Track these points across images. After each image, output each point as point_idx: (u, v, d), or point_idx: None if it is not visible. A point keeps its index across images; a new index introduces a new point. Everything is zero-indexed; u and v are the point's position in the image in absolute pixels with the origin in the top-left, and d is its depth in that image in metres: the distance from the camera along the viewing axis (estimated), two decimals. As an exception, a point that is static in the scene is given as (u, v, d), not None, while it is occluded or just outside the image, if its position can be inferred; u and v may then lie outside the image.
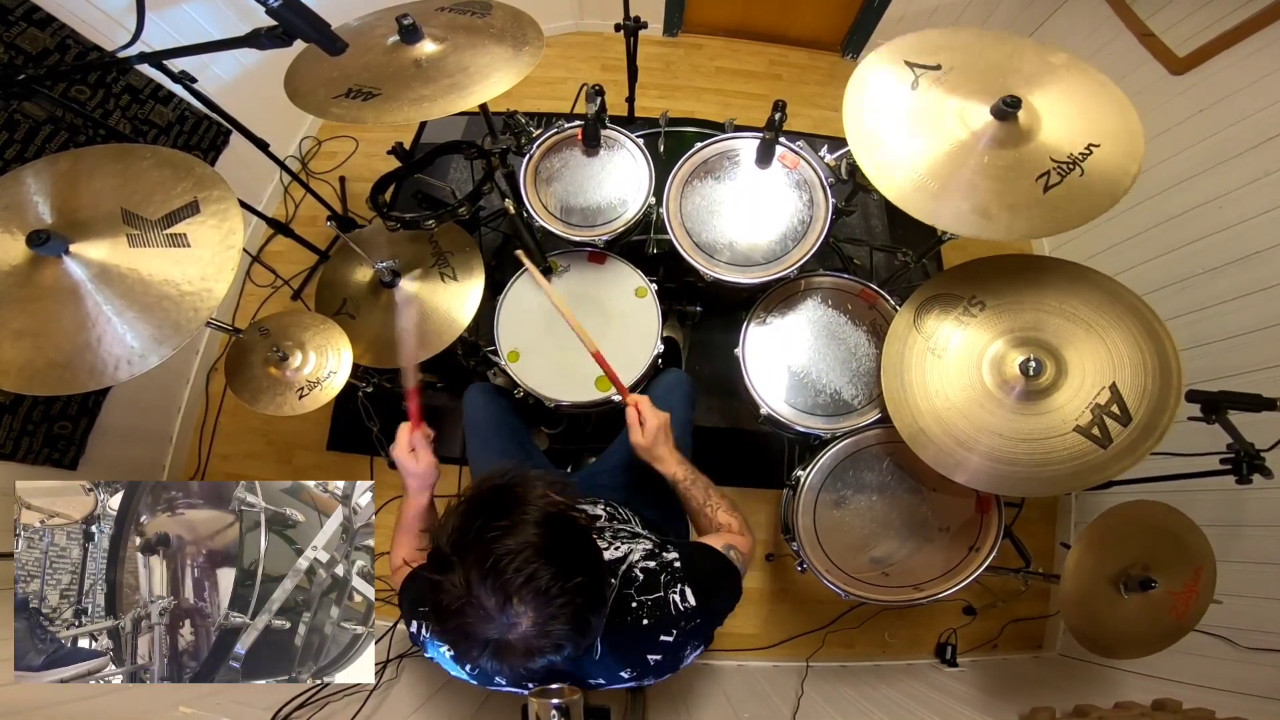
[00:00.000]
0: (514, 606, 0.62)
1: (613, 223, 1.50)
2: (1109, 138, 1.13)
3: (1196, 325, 1.69)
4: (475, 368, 1.84)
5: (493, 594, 0.62)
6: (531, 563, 0.62)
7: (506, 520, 0.65)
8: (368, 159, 2.42)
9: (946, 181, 1.12)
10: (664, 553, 0.90)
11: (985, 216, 1.10)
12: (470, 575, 0.62)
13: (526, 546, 0.63)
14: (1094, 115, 1.15)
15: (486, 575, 0.62)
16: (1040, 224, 1.10)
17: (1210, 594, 1.21)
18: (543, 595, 0.62)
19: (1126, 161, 1.10)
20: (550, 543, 0.65)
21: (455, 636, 0.66)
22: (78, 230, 0.97)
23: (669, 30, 2.77)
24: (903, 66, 1.22)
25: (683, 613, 0.83)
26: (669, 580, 0.85)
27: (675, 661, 0.84)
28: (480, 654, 0.64)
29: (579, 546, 0.70)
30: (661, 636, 0.82)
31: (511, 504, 0.67)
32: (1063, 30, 2.27)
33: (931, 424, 1.23)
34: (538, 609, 0.63)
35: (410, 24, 1.17)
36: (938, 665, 1.88)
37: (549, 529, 0.66)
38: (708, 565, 0.90)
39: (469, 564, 0.63)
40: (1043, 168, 1.11)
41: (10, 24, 1.44)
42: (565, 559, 0.65)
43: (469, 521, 0.66)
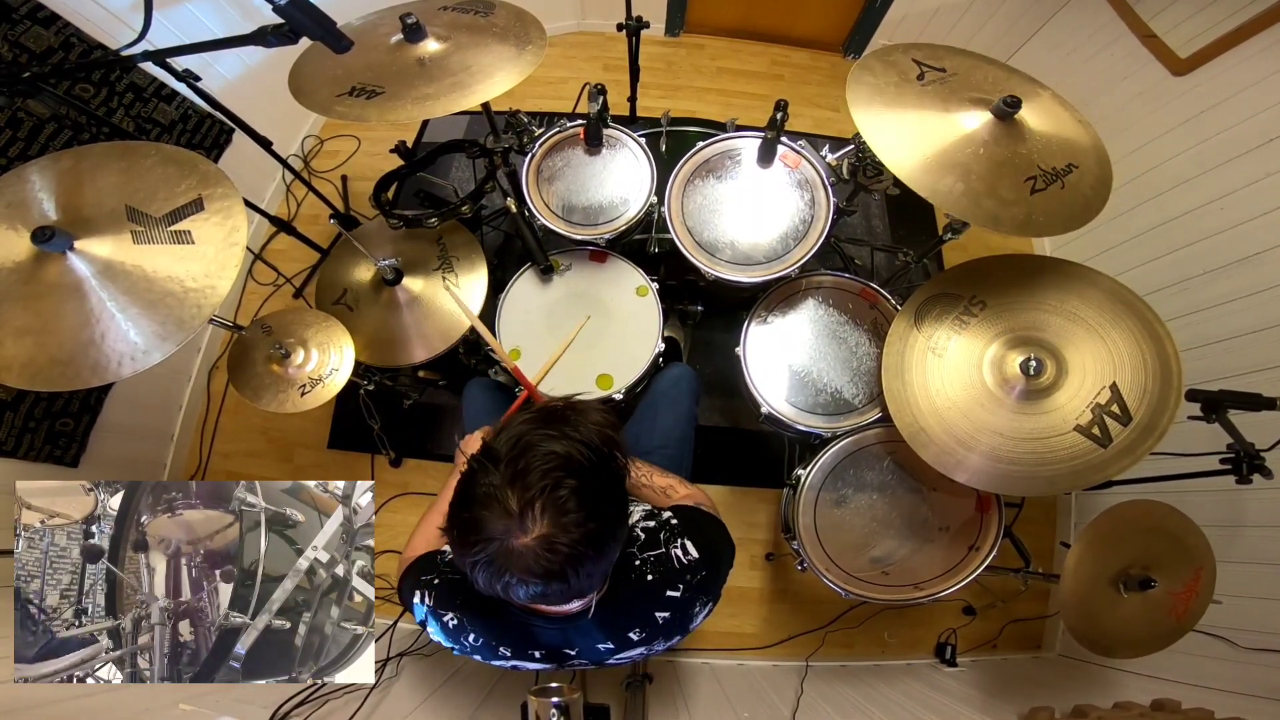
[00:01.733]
0: (531, 512, 0.62)
1: (614, 221, 1.50)
2: (1085, 165, 1.18)
3: (1197, 326, 1.69)
4: (477, 366, 1.84)
5: (514, 493, 0.63)
6: (557, 472, 0.64)
7: (554, 431, 0.67)
8: (370, 158, 2.43)
9: (943, 159, 1.14)
10: (661, 512, 0.91)
11: (975, 202, 1.11)
12: (503, 471, 0.64)
13: (559, 459, 0.65)
14: (1074, 145, 1.20)
15: (516, 476, 0.63)
16: (1022, 220, 1.11)
17: (1210, 594, 1.21)
18: (559, 507, 0.63)
19: (1093, 195, 1.15)
20: (582, 464, 0.66)
21: (465, 527, 0.66)
22: (82, 227, 0.97)
23: (671, 30, 2.78)
24: (911, 63, 1.24)
25: (687, 565, 0.84)
26: (669, 536, 0.86)
27: (684, 620, 0.84)
28: (480, 553, 0.64)
29: (607, 480, 0.70)
30: (668, 592, 0.83)
31: (564, 421, 0.69)
32: (1064, 31, 2.27)
33: (932, 423, 1.23)
34: (551, 522, 0.63)
35: (414, 23, 1.17)
36: (937, 665, 1.88)
37: (586, 452, 0.67)
38: (699, 517, 0.92)
39: (506, 463, 0.65)
40: (1031, 171, 1.14)
41: (15, 22, 1.44)
42: (591, 484, 0.66)
43: (524, 427, 0.68)
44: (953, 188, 1.12)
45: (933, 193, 1.11)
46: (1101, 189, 1.17)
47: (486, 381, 1.50)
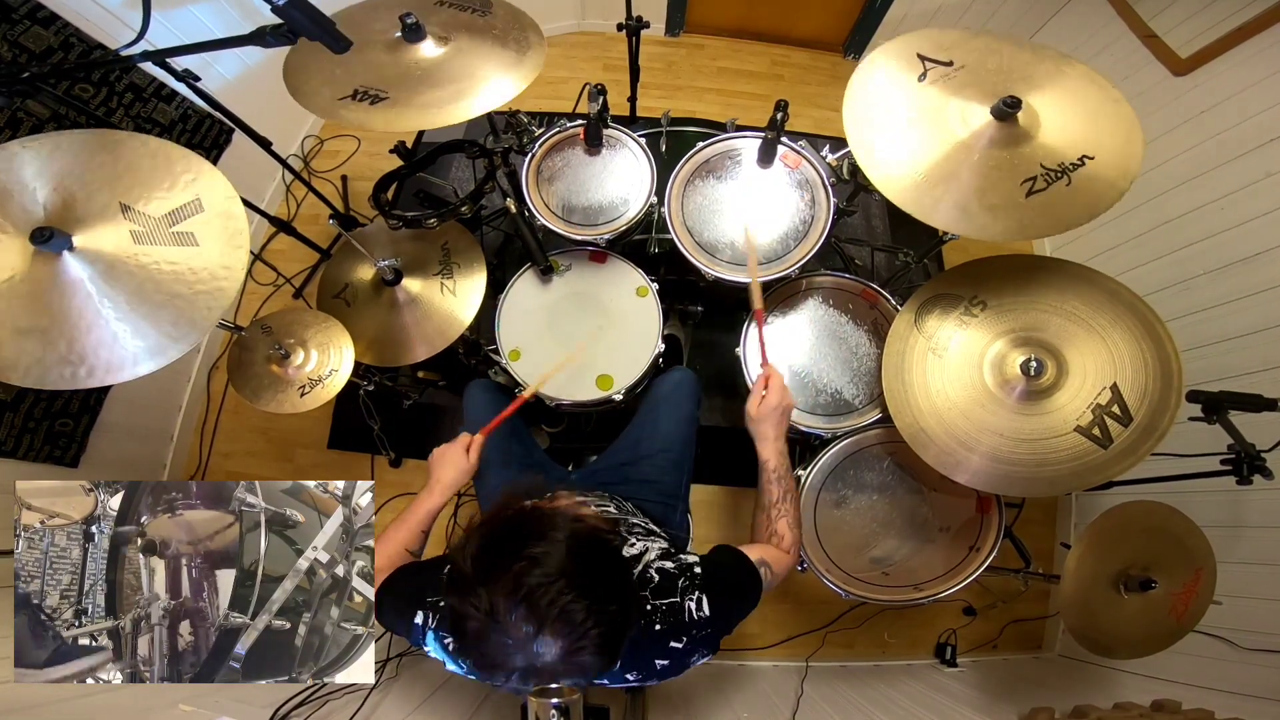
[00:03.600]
0: (544, 637, 0.61)
1: (614, 222, 1.50)
2: (1106, 151, 1.13)
3: (1198, 326, 1.69)
4: (476, 366, 1.84)
5: (523, 623, 0.60)
6: (565, 594, 0.61)
7: (536, 546, 0.63)
8: (370, 158, 2.43)
9: (932, 172, 1.13)
10: (683, 555, 0.88)
11: (963, 212, 1.10)
12: (497, 602, 0.61)
13: (559, 577, 0.61)
14: (1097, 128, 1.15)
15: (516, 605, 0.60)
16: (1014, 228, 1.10)
17: (1210, 595, 1.21)
18: (577, 627, 0.61)
19: (1117, 177, 1.10)
20: (583, 571, 0.63)
21: (481, 663, 0.65)
22: (76, 224, 0.97)
23: (671, 30, 2.77)
24: (913, 59, 1.22)
25: (696, 621, 0.82)
26: (686, 586, 0.83)
27: (681, 667, 0.83)
28: (507, 680, 0.63)
29: (611, 571, 0.69)
30: (671, 643, 0.81)
31: (540, 527, 0.66)
32: (1065, 31, 2.27)
33: (932, 424, 1.23)
34: (568, 638, 0.61)
35: (414, 22, 1.17)
36: (937, 665, 1.88)
37: (580, 555, 0.64)
38: (730, 576, 0.88)
39: (496, 590, 0.61)
40: (1031, 172, 1.11)
41: (14, 22, 1.44)
42: (598, 587, 0.64)
43: (495, 545, 0.64)
44: (939, 199, 1.11)
45: (920, 207, 1.11)
46: (1120, 179, 1.10)
47: (487, 382, 1.50)
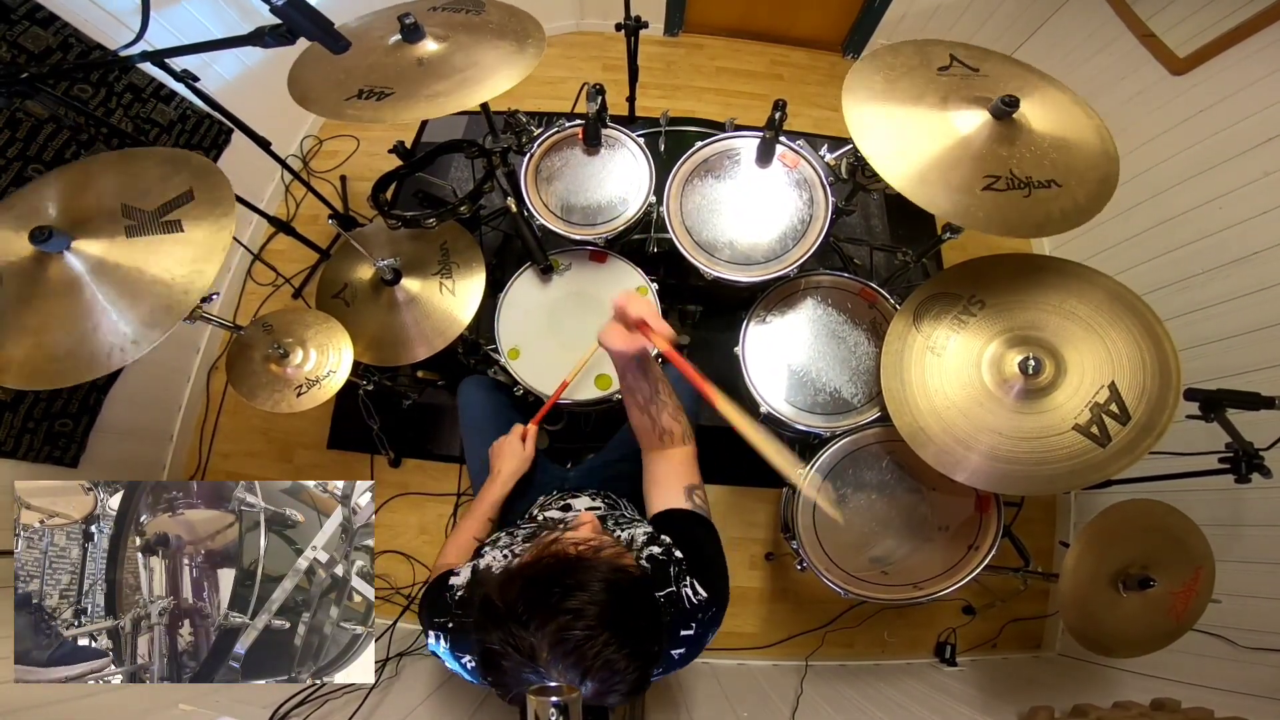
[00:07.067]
0: (586, 683, 0.63)
1: (613, 221, 1.50)
2: (1077, 185, 1.14)
3: (1196, 325, 1.69)
4: (476, 366, 1.84)
5: (566, 671, 0.62)
6: (609, 646, 0.63)
7: (577, 597, 0.64)
8: (369, 158, 2.43)
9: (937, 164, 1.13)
10: (662, 536, 0.89)
11: (923, 181, 1.11)
12: (539, 651, 0.62)
13: (603, 629, 0.63)
14: (1075, 160, 1.17)
15: (560, 658, 0.62)
16: (965, 212, 1.10)
17: (1209, 593, 1.21)
18: (618, 673, 0.64)
19: (1077, 211, 1.12)
20: (624, 619, 0.65)
21: (507, 691, 0.66)
22: (80, 228, 0.98)
23: (670, 30, 2.78)
24: (943, 53, 1.24)
25: (698, 605, 0.83)
26: (678, 573, 0.84)
27: (698, 650, 0.84)
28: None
29: (648, 613, 0.71)
30: (682, 631, 0.83)
31: (582, 576, 0.67)
32: (1063, 31, 2.27)
33: (931, 423, 1.23)
34: (608, 683, 0.64)
35: (412, 23, 1.18)
36: (937, 665, 1.88)
37: (620, 603, 0.66)
38: (705, 549, 0.89)
39: (539, 639, 0.62)
40: (997, 171, 1.12)
41: (13, 23, 1.44)
42: (638, 634, 0.66)
43: (538, 592, 0.65)
44: (947, 194, 1.11)
45: (929, 201, 1.11)
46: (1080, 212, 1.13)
47: (483, 380, 1.50)
